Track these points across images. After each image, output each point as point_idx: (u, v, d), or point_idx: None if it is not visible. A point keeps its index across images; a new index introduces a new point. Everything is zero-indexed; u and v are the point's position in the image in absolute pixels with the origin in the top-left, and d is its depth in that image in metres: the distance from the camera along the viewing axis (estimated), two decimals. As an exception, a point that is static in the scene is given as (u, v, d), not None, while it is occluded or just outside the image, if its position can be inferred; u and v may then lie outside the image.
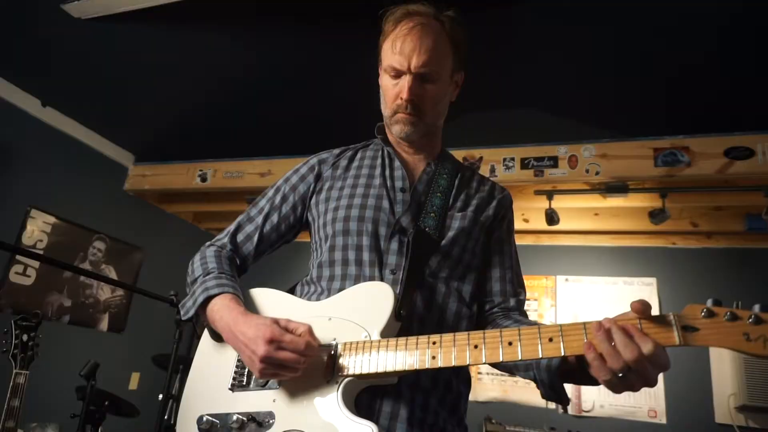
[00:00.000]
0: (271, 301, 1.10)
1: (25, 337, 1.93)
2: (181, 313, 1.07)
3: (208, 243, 1.19)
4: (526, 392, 3.75)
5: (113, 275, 3.71)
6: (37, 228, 3.23)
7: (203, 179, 3.75)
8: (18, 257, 3.09)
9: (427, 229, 1.06)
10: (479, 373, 3.86)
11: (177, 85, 2.94)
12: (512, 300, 1.13)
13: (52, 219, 3.32)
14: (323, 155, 1.24)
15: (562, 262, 3.98)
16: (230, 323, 0.95)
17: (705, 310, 0.71)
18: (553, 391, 0.91)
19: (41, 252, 3.20)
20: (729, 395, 3.33)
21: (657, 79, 2.46)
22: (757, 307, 0.69)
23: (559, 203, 3.16)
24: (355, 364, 0.89)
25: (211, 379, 1.05)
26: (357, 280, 1.03)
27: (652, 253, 3.82)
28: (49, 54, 2.74)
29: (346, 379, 0.89)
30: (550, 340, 0.77)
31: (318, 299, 1.06)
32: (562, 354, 0.76)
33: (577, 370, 0.87)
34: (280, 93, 2.86)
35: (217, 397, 1.00)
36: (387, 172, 1.16)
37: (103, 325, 3.66)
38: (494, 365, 1.05)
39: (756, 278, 3.48)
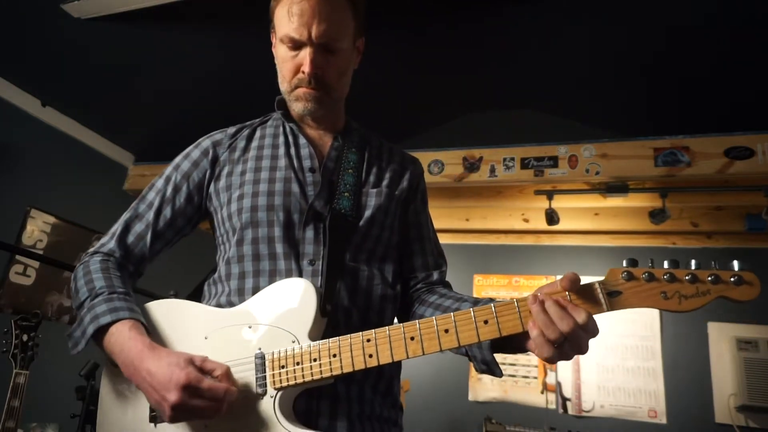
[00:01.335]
0: (176, 315, 0.95)
1: (25, 337, 1.93)
2: (69, 345, 0.93)
3: (91, 250, 1.03)
4: (526, 392, 3.75)
5: (113, 275, 3.71)
6: (37, 228, 3.23)
7: (203, 179, 3.75)
8: (18, 257, 3.08)
9: (343, 211, 0.98)
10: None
11: (177, 84, 2.94)
12: (435, 273, 1.09)
13: (52, 219, 3.32)
14: (216, 135, 1.10)
15: (562, 262, 3.98)
16: (134, 360, 0.82)
17: (625, 272, 0.75)
18: (486, 365, 0.88)
19: (41, 252, 3.19)
20: (729, 395, 3.33)
21: (657, 79, 2.46)
22: (666, 263, 0.73)
23: (559, 203, 3.16)
24: (287, 374, 0.82)
25: (126, 412, 0.91)
26: (272, 275, 0.93)
27: (652, 253, 3.81)
28: (49, 54, 2.74)
29: (281, 391, 0.83)
30: (486, 322, 0.77)
31: (229, 301, 0.95)
32: (500, 335, 0.77)
33: (507, 340, 0.85)
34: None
35: None
36: (292, 151, 1.05)
37: (103, 325, 3.66)
38: None
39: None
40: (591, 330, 0.73)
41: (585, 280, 0.77)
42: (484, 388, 3.83)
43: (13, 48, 2.71)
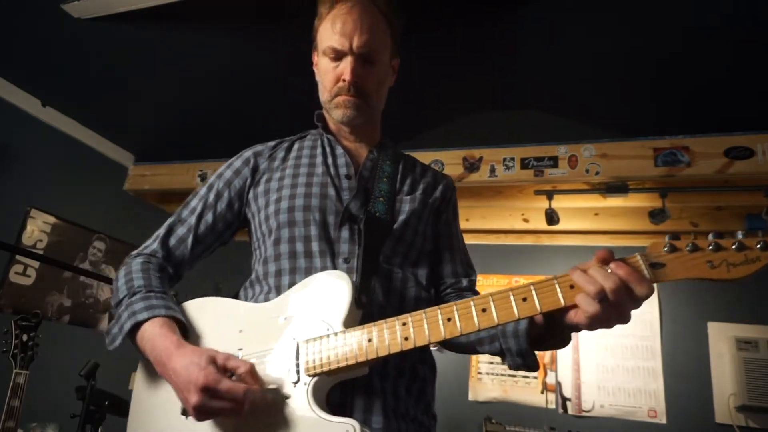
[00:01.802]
0: (213, 311, 0.98)
1: (25, 337, 1.93)
2: (107, 341, 0.96)
3: (134, 252, 1.08)
4: (526, 392, 3.75)
5: (113, 275, 3.70)
6: (37, 228, 3.23)
7: (203, 179, 3.75)
8: (18, 257, 3.08)
9: (377, 214, 1.01)
10: (479, 373, 3.86)
11: (177, 85, 2.94)
12: (464, 280, 1.11)
13: (52, 219, 3.32)
14: (258, 147, 1.16)
15: (562, 262, 3.97)
16: (162, 357, 0.85)
17: (667, 245, 0.73)
18: (522, 357, 0.88)
19: (41, 252, 3.19)
20: (729, 395, 3.33)
21: (657, 79, 2.46)
22: (711, 235, 0.72)
23: (559, 203, 3.16)
24: (321, 360, 0.82)
25: (159, 406, 0.92)
26: (308, 272, 0.95)
27: (652, 253, 3.82)
28: (49, 54, 2.74)
29: (315, 378, 0.82)
30: (524, 299, 0.76)
31: (267, 299, 0.97)
32: (539, 311, 0.75)
33: (546, 332, 0.86)
34: (280, 93, 2.86)
35: (170, 425, 0.89)
36: (329, 160, 1.09)
37: (103, 325, 3.66)
38: (455, 348, 1.04)
39: (757, 278, 3.48)
40: (636, 294, 0.72)
41: (585, 280, 0.76)
42: (484, 388, 3.83)
43: (14, 48, 2.71)
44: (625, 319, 0.74)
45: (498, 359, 0.88)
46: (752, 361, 3.28)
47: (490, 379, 3.84)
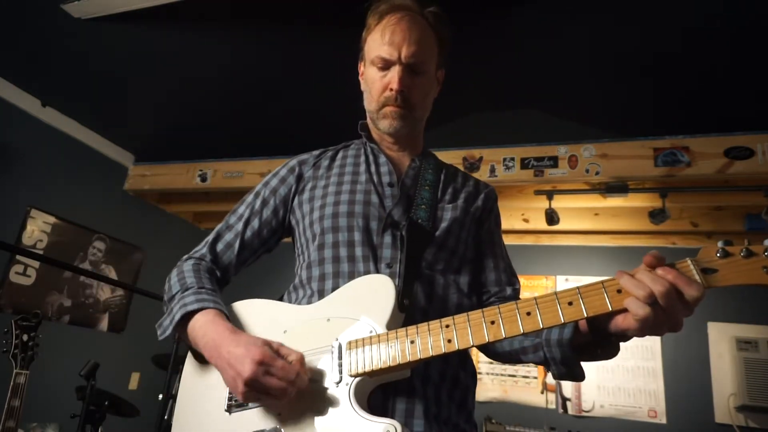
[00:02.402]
0: (258, 312, 1.01)
1: (25, 337, 1.93)
2: (158, 333, 1.00)
3: (185, 256, 1.13)
4: (526, 392, 3.75)
5: (113, 275, 3.71)
6: (37, 228, 3.23)
7: (203, 179, 3.75)
8: (18, 257, 3.09)
9: (419, 221, 1.02)
10: (479, 373, 3.86)
11: (177, 84, 2.94)
12: (509, 289, 1.10)
13: (52, 219, 3.32)
14: (303, 156, 1.19)
15: (562, 262, 3.98)
16: (216, 340, 0.88)
17: (720, 250, 0.71)
18: (566, 366, 0.87)
19: (41, 252, 3.20)
20: (729, 395, 3.33)
21: (657, 79, 2.46)
22: (767, 241, 0.70)
23: (559, 203, 3.16)
24: (364, 361, 0.83)
25: (203, 403, 0.95)
26: (351, 276, 0.97)
27: (652, 253, 3.82)
28: (49, 54, 2.74)
29: (357, 379, 0.83)
30: (570, 303, 0.74)
31: (310, 302, 0.99)
32: (585, 316, 0.74)
33: (591, 341, 0.84)
34: (280, 92, 2.86)
35: (214, 423, 0.91)
36: (372, 168, 1.12)
37: (103, 325, 3.66)
38: (499, 356, 1.04)
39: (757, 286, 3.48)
40: (687, 297, 0.70)
41: (586, 280, 0.76)
42: (484, 388, 3.83)
43: (14, 48, 2.71)
44: (677, 325, 0.72)
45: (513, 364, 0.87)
46: (752, 361, 3.28)
47: (490, 379, 3.84)
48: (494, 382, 3.82)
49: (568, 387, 3.70)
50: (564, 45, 2.30)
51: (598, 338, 0.83)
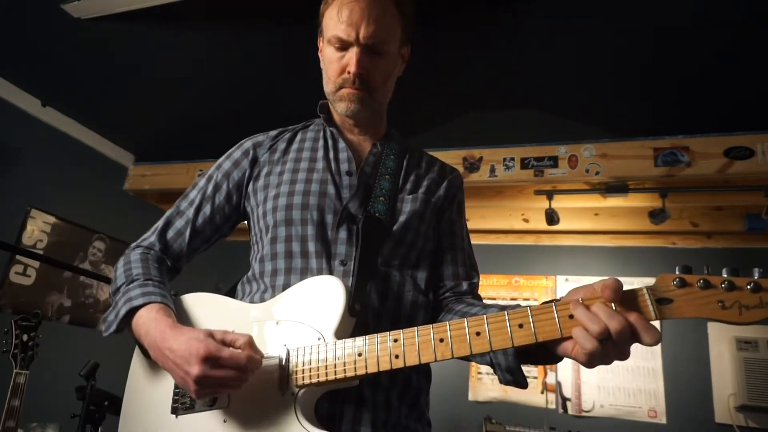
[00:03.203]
0: (208, 307, 0.97)
1: (25, 337, 1.93)
2: (102, 329, 0.95)
3: (133, 244, 1.07)
4: (526, 392, 3.75)
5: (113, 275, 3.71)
6: (37, 228, 3.23)
7: (203, 179, 3.75)
8: (18, 257, 3.08)
9: (377, 215, 0.97)
10: (479, 373, 3.86)
11: (177, 84, 2.94)
12: (465, 284, 1.06)
13: (52, 219, 3.31)
14: (259, 137, 1.13)
15: (562, 262, 3.97)
16: (157, 339, 0.83)
17: (677, 279, 0.69)
18: (510, 374, 0.84)
19: (41, 252, 3.19)
20: (729, 395, 3.33)
21: (657, 79, 2.46)
22: (725, 271, 0.68)
23: (559, 203, 3.15)
24: (310, 371, 0.80)
25: (149, 404, 0.92)
26: (303, 273, 0.94)
27: (652, 253, 3.82)
28: (49, 54, 2.74)
29: (303, 389, 0.81)
30: (521, 326, 0.72)
31: (262, 298, 0.95)
32: (535, 341, 0.71)
33: (535, 348, 0.80)
34: (280, 92, 2.86)
35: (160, 425, 0.88)
36: (331, 154, 1.06)
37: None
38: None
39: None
40: (642, 341, 0.68)
41: (586, 280, 0.75)
42: (484, 388, 3.83)
43: (13, 48, 2.71)
44: (624, 356, 0.70)
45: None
46: (752, 361, 3.28)
47: (490, 379, 3.84)
48: (494, 382, 3.82)
49: (568, 387, 3.70)
50: (564, 45, 2.30)
51: (541, 350, 0.79)
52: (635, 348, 0.70)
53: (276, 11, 2.22)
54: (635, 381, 3.57)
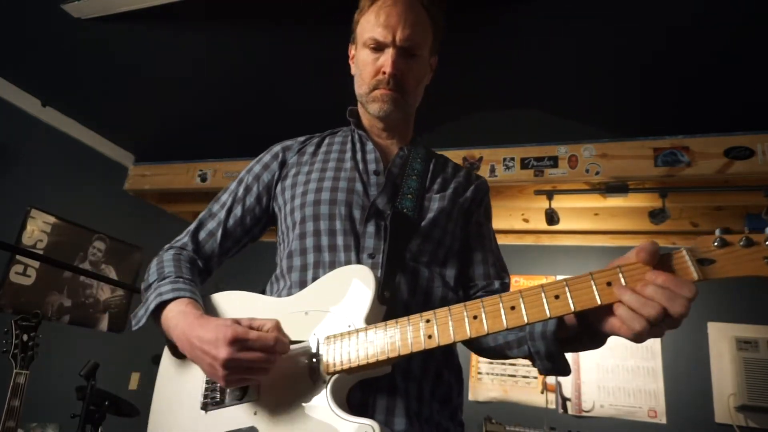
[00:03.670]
0: (236, 303, 0.98)
1: (25, 337, 1.93)
2: (132, 323, 0.96)
3: (167, 246, 1.09)
4: (526, 392, 3.75)
5: (113, 275, 3.71)
6: (37, 228, 3.23)
7: (203, 179, 3.75)
8: (18, 257, 3.09)
9: (405, 211, 0.98)
10: (479, 373, 3.86)
11: (177, 84, 2.94)
12: (497, 283, 1.07)
13: (52, 219, 3.32)
14: (287, 142, 1.16)
15: (562, 262, 3.98)
16: (185, 329, 0.84)
17: (718, 239, 0.67)
18: (551, 361, 0.83)
19: (41, 252, 3.19)
20: (729, 395, 3.33)
21: (657, 78, 2.46)
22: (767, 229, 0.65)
23: (559, 203, 3.16)
24: (342, 357, 0.79)
25: (179, 402, 0.92)
26: (332, 266, 0.94)
27: (652, 253, 3.81)
28: (49, 54, 2.74)
29: (335, 376, 0.79)
30: (557, 297, 0.70)
31: (290, 293, 0.96)
32: (573, 310, 0.69)
33: (576, 334, 0.80)
34: (280, 92, 2.86)
35: (190, 422, 0.88)
36: (359, 155, 1.08)
37: (103, 325, 3.66)
38: (484, 352, 1.01)
39: (757, 278, 3.48)
40: (675, 290, 0.65)
41: (585, 280, 0.74)
42: (484, 388, 3.83)
43: (14, 48, 2.71)
44: (677, 323, 0.67)
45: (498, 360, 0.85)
46: (752, 361, 3.28)
47: (490, 379, 3.84)
48: (494, 382, 3.82)
49: (568, 387, 3.70)
50: (564, 44, 2.30)
51: (584, 331, 0.79)
52: (635, 348, 0.70)
53: (276, 11, 2.22)
54: (635, 381, 3.57)
